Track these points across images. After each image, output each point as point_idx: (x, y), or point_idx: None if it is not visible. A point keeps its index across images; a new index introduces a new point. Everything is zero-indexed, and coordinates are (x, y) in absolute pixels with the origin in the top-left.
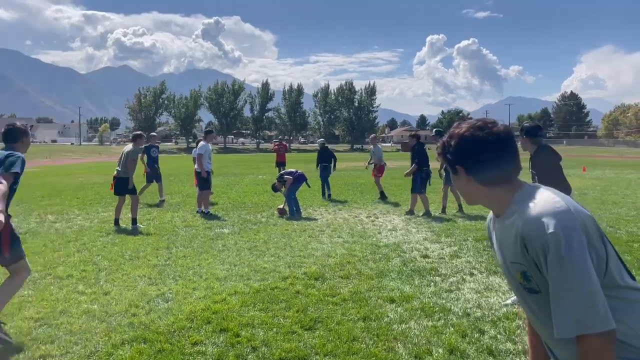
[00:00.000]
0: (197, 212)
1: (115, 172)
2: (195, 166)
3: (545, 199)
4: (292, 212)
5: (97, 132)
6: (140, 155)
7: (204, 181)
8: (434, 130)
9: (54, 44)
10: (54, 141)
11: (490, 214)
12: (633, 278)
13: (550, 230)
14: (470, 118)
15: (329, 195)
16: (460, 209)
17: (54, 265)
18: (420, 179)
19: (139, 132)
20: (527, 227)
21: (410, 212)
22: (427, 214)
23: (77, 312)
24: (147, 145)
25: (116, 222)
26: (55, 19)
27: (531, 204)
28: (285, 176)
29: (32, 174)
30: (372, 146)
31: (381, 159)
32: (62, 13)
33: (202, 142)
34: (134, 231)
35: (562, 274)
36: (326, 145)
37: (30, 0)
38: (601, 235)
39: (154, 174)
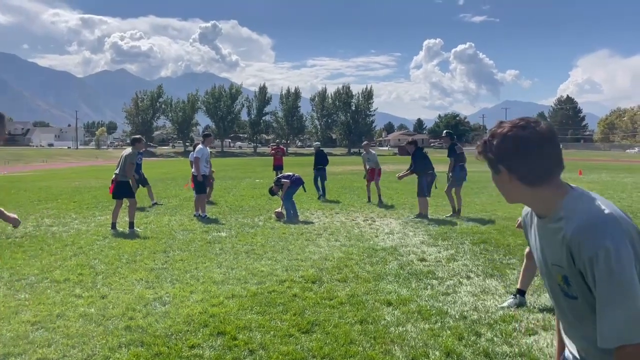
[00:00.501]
0: (194, 215)
1: (114, 176)
2: (193, 169)
3: (595, 208)
4: (290, 215)
5: (94, 136)
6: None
7: (200, 185)
8: (445, 132)
9: (51, 47)
10: (50, 145)
11: (527, 209)
12: None
13: (601, 242)
14: (467, 122)
15: (322, 196)
16: (459, 212)
17: (50, 269)
18: (426, 182)
19: (138, 136)
20: (577, 237)
21: (420, 215)
22: (424, 217)
23: (74, 315)
24: None
25: (113, 225)
26: (52, 22)
27: (581, 212)
28: (283, 180)
29: (28, 178)
30: (365, 152)
31: (377, 163)
32: (59, 17)
33: (200, 146)
34: (131, 235)
35: (610, 286)
36: (321, 148)
37: (28, 4)
38: None
39: (139, 180)
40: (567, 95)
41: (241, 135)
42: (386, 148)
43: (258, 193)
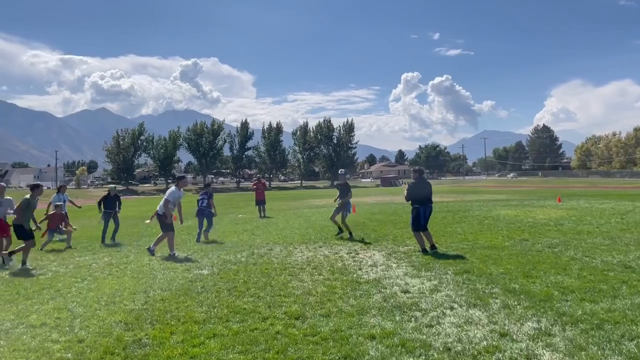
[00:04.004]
0: (171, 254)
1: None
2: (158, 208)
3: None
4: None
5: (74, 176)
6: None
7: (168, 224)
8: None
9: (30, 88)
10: (29, 186)
11: None
12: None
13: None
14: (448, 152)
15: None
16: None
17: (27, 313)
18: (412, 216)
19: (36, 183)
20: None
21: (424, 250)
22: (424, 251)
23: None
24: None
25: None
26: (32, 64)
27: None
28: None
29: None
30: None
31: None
32: (38, 58)
33: (172, 188)
34: (111, 275)
35: None
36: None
37: (7, 46)
38: None
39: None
40: (544, 124)
41: (223, 170)
42: (369, 180)
43: (240, 229)
